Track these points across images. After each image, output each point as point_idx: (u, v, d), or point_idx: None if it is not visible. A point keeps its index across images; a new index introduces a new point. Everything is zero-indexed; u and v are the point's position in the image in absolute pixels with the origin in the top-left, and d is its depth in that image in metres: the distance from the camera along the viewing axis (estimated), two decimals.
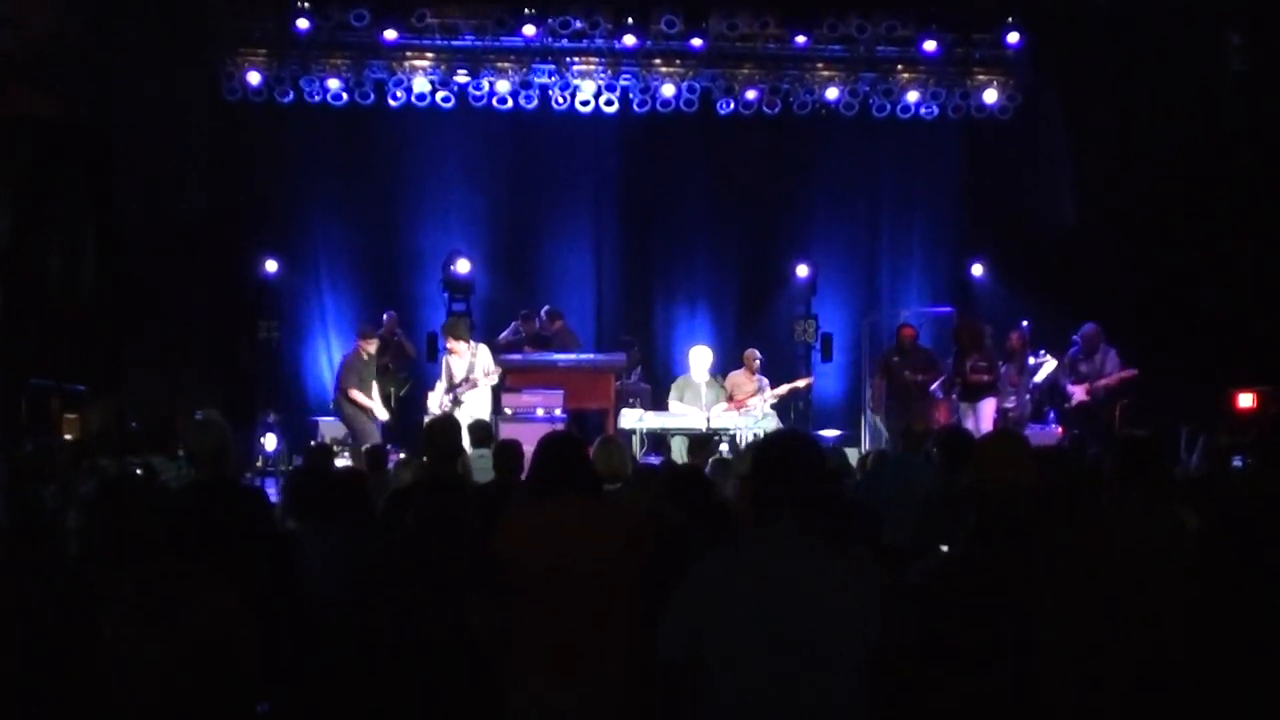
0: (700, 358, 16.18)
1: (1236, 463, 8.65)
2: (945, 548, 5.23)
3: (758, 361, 16.64)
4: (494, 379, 15.56)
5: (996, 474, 4.50)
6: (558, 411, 15.57)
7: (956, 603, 4.35)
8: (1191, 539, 5.76)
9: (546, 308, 18.22)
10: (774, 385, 16.63)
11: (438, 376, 15.87)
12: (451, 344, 15.44)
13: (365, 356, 15.90)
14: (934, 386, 16.55)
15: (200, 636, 4.82)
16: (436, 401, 15.47)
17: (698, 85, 18.75)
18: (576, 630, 5.20)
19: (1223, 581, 5.45)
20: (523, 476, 7.92)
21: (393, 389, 17.62)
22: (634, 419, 15.73)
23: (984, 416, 15.56)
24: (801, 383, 17.25)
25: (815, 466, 4.32)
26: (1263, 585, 5.35)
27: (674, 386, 16.41)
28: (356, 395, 15.66)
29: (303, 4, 17.60)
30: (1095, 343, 16.22)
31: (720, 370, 16.43)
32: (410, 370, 18.11)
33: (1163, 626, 5.29)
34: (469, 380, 15.27)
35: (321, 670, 5.98)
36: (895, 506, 8.44)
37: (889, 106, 18.86)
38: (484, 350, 15.61)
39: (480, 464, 10.01)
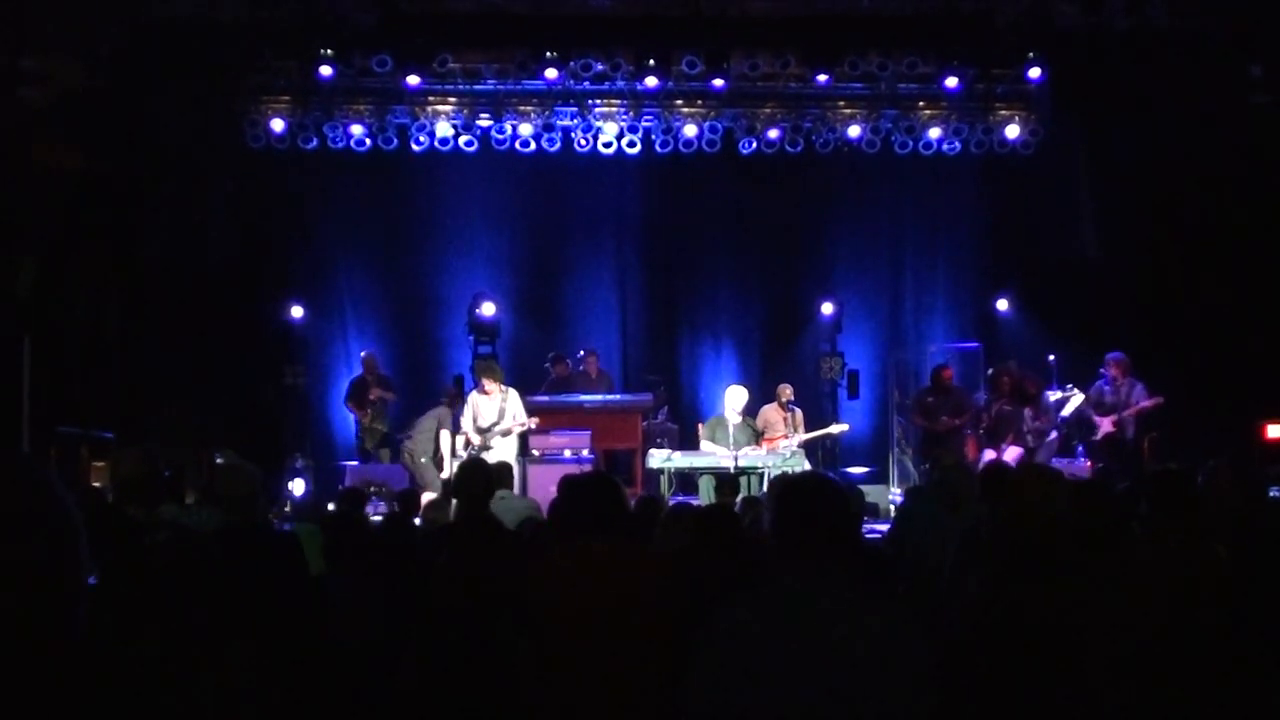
0: (735, 397, 16.09)
1: (1274, 493, 8.61)
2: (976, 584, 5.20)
3: (789, 395, 16.61)
4: (525, 427, 15.53)
5: (1031, 509, 4.48)
6: (585, 452, 15.59)
7: (995, 643, 4.33)
8: (1225, 571, 5.73)
9: (584, 350, 18.27)
10: (805, 421, 16.59)
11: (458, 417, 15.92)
12: (488, 385, 15.44)
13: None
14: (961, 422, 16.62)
15: (223, 684, 4.80)
16: (462, 443, 15.46)
17: (720, 125, 18.80)
18: (612, 678, 5.17)
19: (1257, 613, 5.42)
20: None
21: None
22: (662, 459, 15.69)
23: (1006, 460, 15.54)
24: (835, 429, 17.19)
25: (838, 510, 4.30)
26: None
27: (705, 426, 16.31)
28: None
29: (325, 51, 17.67)
30: (1124, 370, 16.24)
31: (749, 409, 16.36)
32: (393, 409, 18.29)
33: (1197, 658, 5.26)
34: (499, 425, 15.25)
35: (355, 717, 5.97)
36: (932, 541, 8.39)
37: (911, 143, 18.86)
38: (514, 395, 15.58)
39: (499, 504, 9.99)
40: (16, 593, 2.36)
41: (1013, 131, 18.82)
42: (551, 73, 17.94)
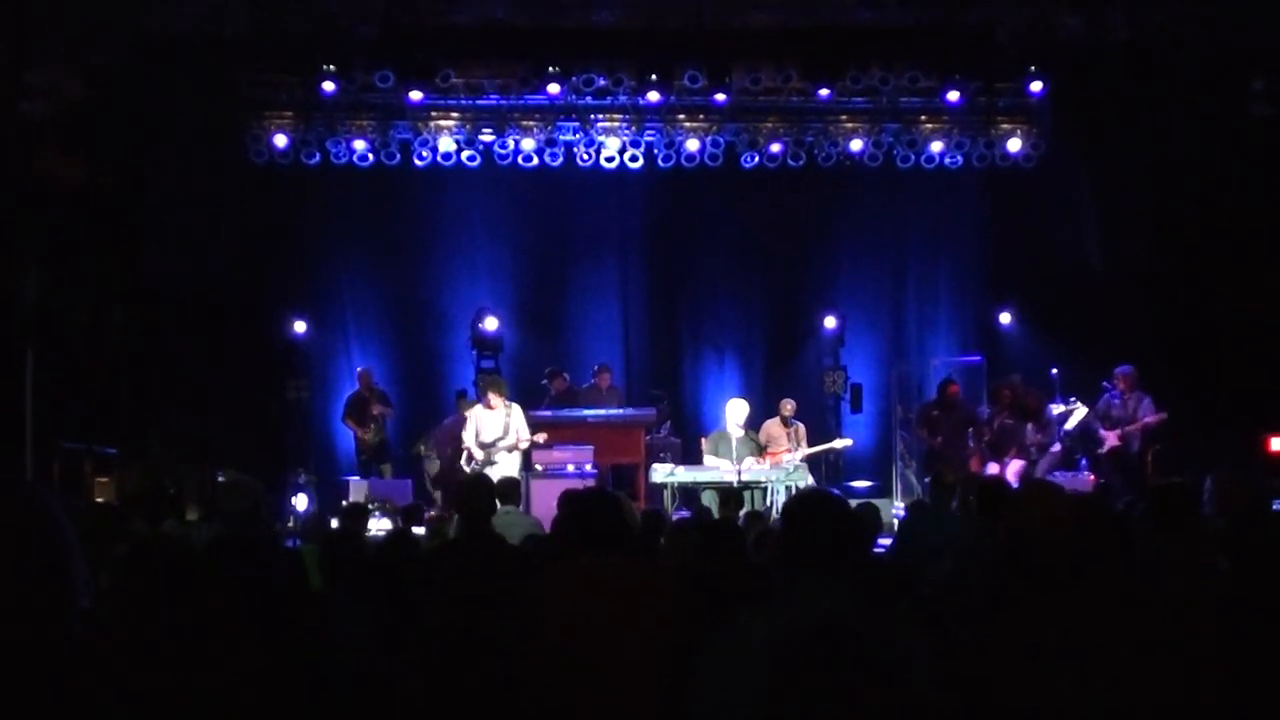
0: (736, 410, 16.12)
1: (1277, 506, 8.60)
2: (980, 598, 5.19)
3: (790, 409, 16.63)
4: (530, 443, 15.52)
5: (1033, 525, 4.48)
6: (588, 467, 15.58)
7: (994, 653, 4.33)
8: (1225, 585, 5.72)
9: (597, 365, 18.28)
10: (808, 435, 16.60)
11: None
12: (493, 399, 15.43)
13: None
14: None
15: (224, 699, 4.79)
16: (465, 458, 15.47)
17: (722, 139, 18.81)
18: (616, 692, 5.16)
19: (1257, 627, 5.41)
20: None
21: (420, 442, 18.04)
22: (665, 473, 15.69)
23: (1009, 474, 15.53)
24: (839, 444, 17.20)
25: (842, 526, 4.31)
26: None
27: (708, 440, 16.34)
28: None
29: (328, 67, 17.67)
30: (1133, 384, 16.23)
31: (752, 423, 16.36)
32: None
33: (1197, 672, 5.24)
34: (503, 441, 15.24)
35: None
36: (932, 556, 8.40)
37: (913, 157, 18.85)
38: (518, 410, 15.57)
39: (504, 520, 9.98)
40: (10, 610, 2.36)
41: (1015, 145, 18.81)
42: (554, 87, 17.92)
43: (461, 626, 5.96)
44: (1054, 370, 17.25)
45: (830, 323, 19.02)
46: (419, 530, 11.53)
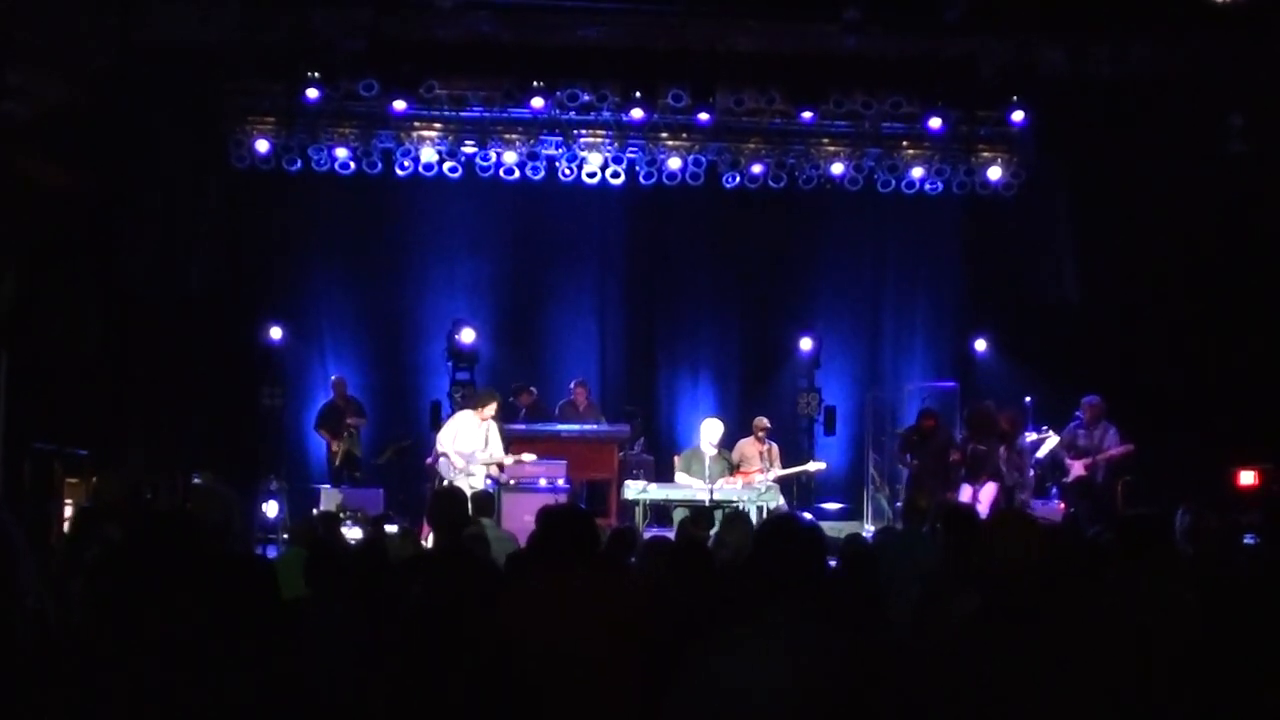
0: (711, 430, 16.09)
1: (1248, 540, 8.65)
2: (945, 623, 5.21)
3: (765, 426, 16.61)
4: (516, 461, 15.53)
5: (1005, 554, 4.50)
6: (560, 482, 15.59)
7: (962, 682, 4.35)
8: (1195, 618, 5.76)
9: (574, 382, 18.27)
10: (781, 456, 16.59)
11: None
12: (482, 411, 15.44)
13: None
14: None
15: (192, 709, 4.79)
16: (447, 468, 15.48)
17: (704, 159, 18.83)
18: (588, 707, 5.18)
19: (1225, 660, 5.44)
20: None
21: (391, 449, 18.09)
22: (637, 490, 15.68)
23: (982, 500, 15.57)
24: (812, 467, 17.18)
25: (811, 551, 4.33)
26: (1265, 665, 5.35)
27: (681, 458, 16.32)
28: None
29: (312, 74, 17.63)
30: (1098, 415, 16.28)
31: (725, 442, 16.35)
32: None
33: (1164, 704, 5.28)
34: (480, 455, 15.25)
35: None
36: (899, 582, 8.44)
37: (893, 182, 18.91)
38: (494, 427, 15.58)
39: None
40: None
41: (995, 173, 18.89)
42: (538, 102, 17.89)
43: (434, 638, 5.97)
44: (1027, 399, 17.32)
45: (806, 345, 19.05)
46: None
